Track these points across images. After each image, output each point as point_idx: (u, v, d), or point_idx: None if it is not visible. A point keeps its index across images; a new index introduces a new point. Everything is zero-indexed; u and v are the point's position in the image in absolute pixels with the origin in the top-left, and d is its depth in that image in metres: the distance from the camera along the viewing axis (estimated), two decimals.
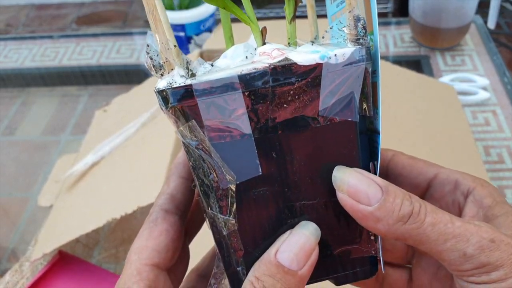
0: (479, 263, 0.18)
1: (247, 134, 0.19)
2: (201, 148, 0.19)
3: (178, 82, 0.18)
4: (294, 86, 0.18)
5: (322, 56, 0.18)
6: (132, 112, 0.64)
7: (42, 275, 0.53)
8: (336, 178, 0.19)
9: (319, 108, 0.19)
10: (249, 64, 0.18)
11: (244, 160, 0.19)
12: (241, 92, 0.18)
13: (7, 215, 0.68)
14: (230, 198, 0.19)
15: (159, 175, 0.49)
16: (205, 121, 0.18)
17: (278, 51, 0.19)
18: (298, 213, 0.20)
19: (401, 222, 0.18)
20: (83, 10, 1.24)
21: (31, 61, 0.95)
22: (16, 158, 0.77)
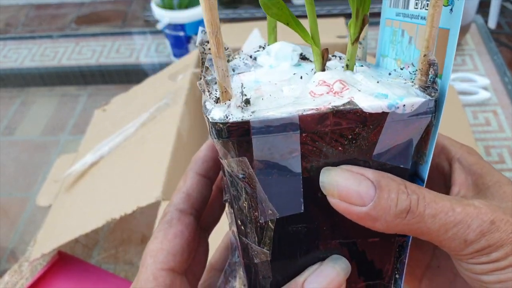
0: (480, 247, 0.17)
1: (296, 173, 0.18)
2: (247, 182, 0.18)
3: (235, 116, 0.17)
4: (354, 132, 0.17)
5: (390, 105, 0.17)
6: (132, 112, 0.64)
7: (41, 275, 0.53)
8: (324, 183, 0.18)
9: (373, 153, 0.18)
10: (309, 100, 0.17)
11: (288, 197, 0.19)
12: (299, 133, 0.17)
13: (6, 215, 0.67)
14: (267, 231, 0.19)
15: (158, 175, 0.49)
16: (256, 157, 0.17)
17: (340, 83, 0.18)
18: (332, 249, 0.20)
19: (400, 218, 0.17)
20: (83, 10, 1.23)
21: (31, 61, 0.95)
22: (16, 158, 0.76)
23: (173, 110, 0.58)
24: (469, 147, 0.21)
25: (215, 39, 0.16)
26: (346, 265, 0.20)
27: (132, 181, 0.52)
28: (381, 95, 0.17)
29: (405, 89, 0.18)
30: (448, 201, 0.18)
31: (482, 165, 0.20)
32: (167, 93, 0.62)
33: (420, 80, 0.18)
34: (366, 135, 0.17)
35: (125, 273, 0.57)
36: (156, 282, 0.19)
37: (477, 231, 0.17)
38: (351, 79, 0.18)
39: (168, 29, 0.85)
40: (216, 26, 0.16)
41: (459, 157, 0.21)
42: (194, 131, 0.62)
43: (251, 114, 0.17)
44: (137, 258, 0.58)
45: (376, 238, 0.20)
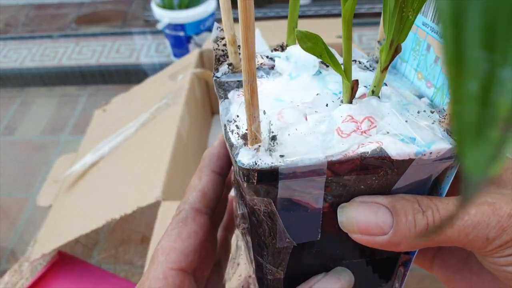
0: (502, 242, 0.18)
1: (317, 208, 0.18)
2: (268, 216, 0.18)
3: (264, 161, 0.16)
4: (378, 174, 0.17)
5: (417, 153, 0.17)
6: (132, 112, 0.64)
7: (41, 275, 0.53)
8: (343, 222, 0.18)
9: (392, 188, 0.18)
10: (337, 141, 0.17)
11: (307, 227, 0.19)
12: (325, 178, 0.17)
13: (6, 215, 0.67)
14: (283, 255, 0.20)
15: (158, 175, 0.49)
16: (280, 196, 0.18)
17: (368, 120, 0.18)
18: (341, 265, 0.21)
19: (421, 237, 0.17)
20: (83, 9, 1.23)
21: (31, 61, 0.95)
22: (16, 158, 0.77)
23: (173, 110, 0.58)
24: None
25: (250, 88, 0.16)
26: (350, 277, 0.20)
27: (132, 181, 0.52)
28: (410, 139, 0.17)
29: (432, 130, 0.18)
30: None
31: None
32: (167, 93, 0.62)
33: (447, 124, 0.18)
34: (390, 177, 0.18)
35: (125, 273, 0.57)
36: (165, 281, 0.19)
37: (497, 228, 0.17)
38: (378, 112, 0.18)
39: (168, 29, 0.85)
40: (253, 75, 0.16)
41: None
42: (194, 131, 0.62)
43: (279, 159, 0.17)
44: (137, 258, 0.58)
45: (383, 256, 0.21)
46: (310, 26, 0.77)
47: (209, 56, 0.68)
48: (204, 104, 0.71)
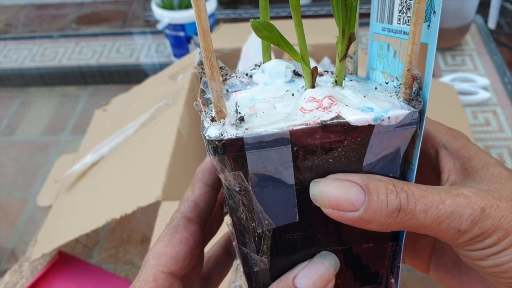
0: (473, 235, 0.18)
1: (290, 184, 0.19)
2: (243, 194, 0.19)
3: (229, 133, 0.18)
4: (343, 144, 0.18)
5: (375, 118, 0.18)
6: (132, 112, 0.64)
7: (41, 275, 0.53)
8: (314, 195, 0.19)
9: (363, 164, 0.19)
10: (299, 116, 0.18)
11: (283, 207, 0.19)
12: (290, 147, 0.18)
13: (6, 215, 0.67)
14: (265, 240, 0.20)
15: (158, 175, 0.49)
16: (251, 171, 0.18)
17: (329, 99, 0.19)
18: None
19: (392, 218, 0.18)
20: (83, 10, 1.23)
21: (31, 61, 0.95)
22: (16, 158, 0.77)
23: (173, 110, 0.58)
24: (455, 131, 0.22)
25: (209, 63, 0.18)
26: (335, 260, 0.21)
27: (132, 181, 0.52)
28: (368, 108, 0.18)
29: (391, 102, 0.19)
30: (437, 194, 0.18)
31: (468, 148, 0.21)
32: (167, 93, 0.62)
33: (404, 93, 0.19)
34: (355, 147, 0.18)
35: (125, 273, 0.57)
36: (155, 283, 0.20)
37: (469, 220, 0.18)
38: (339, 94, 0.19)
39: (168, 29, 0.85)
40: (210, 51, 0.17)
41: (445, 143, 0.21)
42: (194, 131, 0.62)
43: (244, 131, 0.18)
44: (137, 258, 0.58)
45: (370, 244, 0.21)
46: (310, 26, 0.77)
47: None
48: None
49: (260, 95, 0.20)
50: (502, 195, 0.18)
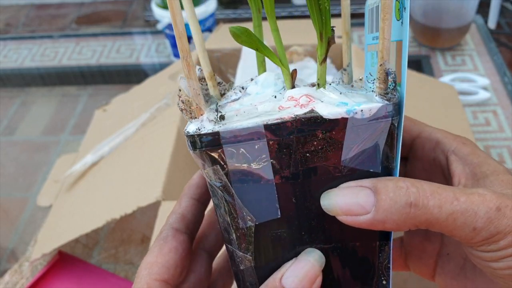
0: (489, 234, 0.18)
1: (269, 179, 0.19)
2: (224, 190, 0.19)
3: (206, 128, 0.18)
4: (318, 138, 0.18)
5: (348, 111, 0.18)
6: (132, 112, 0.64)
7: (41, 275, 0.53)
8: (326, 207, 0.19)
9: (341, 158, 0.19)
10: (276, 113, 0.19)
11: (264, 203, 0.20)
12: (266, 141, 0.18)
13: (6, 216, 0.67)
14: (248, 237, 0.20)
15: (158, 175, 0.49)
16: (229, 166, 0.19)
17: (306, 97, 0.19)
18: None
19: (405, 214, 0.18)
20: (83, 10, 1.23)
21: (31, 61, 0.95)
22: (16, 158, 0.77)
23: (173, 110, 0.58)
24: (463, 138, 0.22)
25: (186, 63, 0.19)
26: (320, 256, 0.21)
27: (132, 181, 0.52)
28: (342, 103, 0.19)
29: (367, 97, 0.19)
30: (451, 192, 0.18)
31: (477, 155, 0.21)
32: (167, 93, 0.62)
33: (379, 88, 0.19)
34: (330, 141, 0.18)
35: (125, 273, 0.57)
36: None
37: (484, 218, 0.17)
38: (318, 93, 0.20)
39: (169, 29, 0.85)
40: (186, 51, 0.19)
41: (454, 149, 0.21)
42: None
43: (221, 126, 0.18)
44: (137, 258, 0.58)
45: (357, 243, 0.21)
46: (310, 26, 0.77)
47: (209, 56, 0.68)
48: None
49: (249, 102, 0.21)
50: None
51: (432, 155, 0.22)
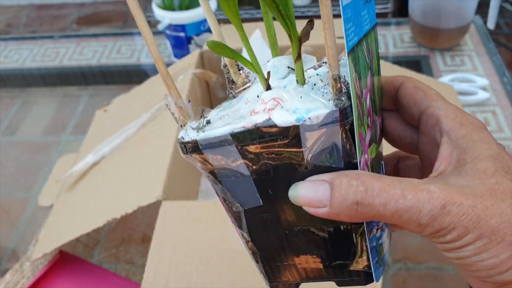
0: (433, 230, 0.19)
1: (247, 175, 0.22)
2: (215, 184, 0.23)
3: (189, 136, 0.22)
4: (278, 142, 0.20)
5: (297, 119, 0.20)
6: (133, 112, 0.64)
7: (42, 274, 0.54)
8: (292, 199, 0.21)
9: (305, 157, 0.21)
10: (246, 118, 0.21)
11: (247, 193, 0.23)
12: (235, 146, 0.21)
13: (7, 215, 0.68)
14: (241, 218, 0.24)
15: (159, 175, 0.49)
16: (214, 165, 0.22)
17: (274, 100, 0.21)
18: (297, 234, 0.24)
19: (354, 210, 0.19)
20: (84, 10, 1.24)
21: (32, 61, 0.96)
22: (17, 158, 0.77)
23: None
24: (465, 117, 0.22)
25: (166, 84, 0.22)
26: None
27: (133, 181, 0.52)
28: (297, 109, 0.20)
29: (321, 101, 0.20)
30: (400, 189, 0.19)
31: (469, 138, 0.21)
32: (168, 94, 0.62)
33: (332, 93, 0.20)
34: (289, 143, 0.20)
35: (126, 272, 0.57)
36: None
37: (428, 216, 0.19)
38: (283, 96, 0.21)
39: (169, 29, 0.85)
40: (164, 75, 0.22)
41: (449, 130, 0.22)
42: None
43: (199, 134, 0.21)
44: (138, 258, 0.59)
45: (330, 228, 0.23)
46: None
47: (209, 56, 0.69)
48: (205, 104, 0.71)
49: (250, 93, 0.23)
50: (474, 192, 0.19)
51: (433, 132, 0.23)
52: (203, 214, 0.45)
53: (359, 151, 0.20)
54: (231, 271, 0.41)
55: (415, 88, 0.24)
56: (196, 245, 0.43)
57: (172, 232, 0.44)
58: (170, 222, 0.45)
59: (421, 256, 0.55)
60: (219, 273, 0.41)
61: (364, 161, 0.21)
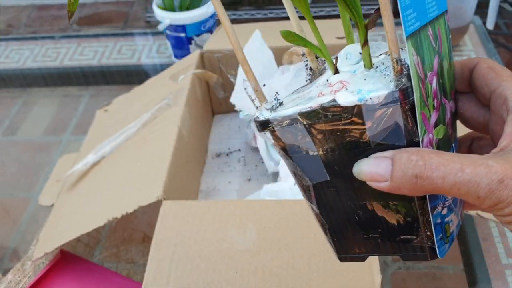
0: (492, 203, 0.20)
1: (314, 152, 0.24)
2: (286, 159, 0.25)
3: (263, 115, 0.24)
4: (341, 121, 0.22)
5: (359, 99, 0.21)
6: (133, 112, 0.65)
7: (43, 274, 0.54)
8: (356, 174, 0.23)
9: (367, 135, 0.22)
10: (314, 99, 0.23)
11: (315, 168, 0.25)
12: (303, 124, 0.23)
13: (8, 215, 0.68)
14: (310, 192, 0.26)
15: (159, 174, 0.49)
16: (284, 142, 0.24)
17: (340, 83, 0.23)
18: (362, 208, 0.25)
19: (414, 183, 0.21)
20: (84, 10, 1.24)
21: (33, 62, 0.96)
22: (18, 158, 0.77)
23: (174, 110, 0.59)
24: None
25: (244, 68, 0.25)
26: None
27: (133, 181, 0.52)
28: (359, 90, 0.22)
29: (383, 83, 0.22)
30: (459, 163, 0.20)
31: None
32: (168, 94, 0.62)
33: (393, 75, 0.22)
34: (353, 122, 0.22)
35: (127, 272, 0.57)
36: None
37: (486, 189, 0.20)
38: (349, 79, 0.23)
39: (169, 30, 0.86)
40: (242, 59, 0.25)
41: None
42: (194, 131, 0.62)
43: (271, 114, 0.24)
44: (138, 257, 0.59)
45: (394, 202, 0.24)
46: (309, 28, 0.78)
47: (209, 57, 0.69)
48: (205, 105, 0.71)
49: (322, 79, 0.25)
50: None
51: (500, 111, 0.24)
52: (203, 213, 0.46)
53: (421, 130, 0.21)
54: (232, 270, 0.41)
55: (488, 68, 0.25)
56: (196, 245, 0.43)
57: (173, 231, 0.45)
58: (171, 222, 0.45)
59: None
60: (219, 272, 0.41)
61: (428, 141, 0.22)
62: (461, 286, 0.52)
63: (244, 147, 0.68)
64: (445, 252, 0.26)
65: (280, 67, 0.63)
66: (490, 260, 0.54)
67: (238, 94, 0.60)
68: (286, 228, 0.43)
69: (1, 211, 0.69)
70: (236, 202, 0.47)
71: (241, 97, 0.60)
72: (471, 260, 0.54)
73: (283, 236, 0.43)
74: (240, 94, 0.60)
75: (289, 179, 0.56)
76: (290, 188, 0.55)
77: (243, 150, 0.68)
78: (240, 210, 0.45)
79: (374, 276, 0.39)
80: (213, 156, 0.68)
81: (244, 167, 0.65)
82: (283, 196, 0.55)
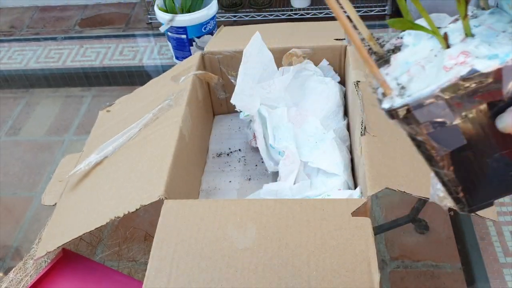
0: None
1: (452, 122, 0.26)
2: (420, 138, 0.27)
3: (397, 102, 0.26)
4: (481, 85, 0.24)
5: (501, 62, 0.23)
6: (135, 113, 0.65)
7: (45, 272, 0.54)
8: (500, 127, 0.25)
9: (503, 93, 0.24)
10: (444, 74, 0.25)
11: (451, 137, 0.26)
12: (444, 99, 0.25)
13: (11, 214, 0.69)
14: (446, 160, 0.27)
15: (161, 174, 0.50)
16: (421, 121, 0.26)
17: (463, 54, 0.25)
18: (498, 160, 0.28)
19: None
20: (87, 12, 1.25)
21: (35, 63, 0.97)
22: (20, 158, 0.78)
23: (175, 110, 0.59)
24: None
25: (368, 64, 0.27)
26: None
27: (135, 180, 0.53)
28: (493, 55, 0.24)
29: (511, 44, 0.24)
30: None
31: None
32: (169, 95, 0.63)
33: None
34: (492, 84, 0.24)
35: (129, 270, 0.58)
36: None
37: None
38: (470, 48, 0.25)
39: (171, 32, 0.86)
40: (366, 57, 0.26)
41: None
42: (196, 131, 0.63)
43: (406, 98, 0.25)
44: (140, 255, 0.59)
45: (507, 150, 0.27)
46: (309, 28, 0.78)
47: (210, 58, 0.69)
48: (206, 105, 0.72)
49: (411, 57, 0.27)
50: None
51: None
52: (204, 212, 0.46)
53: None
54: (232, 268, 0.41)
55: None
56: (197, 243, 0.44)
57: (174, 230, 0.45)
58: (172, 221, 0.46)
59: (419, 254, 0.55)
60: (220, 271, 0.42)
61: None
62: (459, 284, 0.53)
63: (244, 147, 0.69)
64: None
65: (280, 68, 0.64)
66: (488, 259, 0.54)
67: (238, 95, 0.60)
68: (286, 227, 0.44)
69: (4, 210, 0.69)
70: (237, 201, 0.48)
71: (241, 98, 0.60)
72: (469, 259, 0.54)
73: (283, 235, 0.43)
74: (241, 95, 0.60)
75: (289, 179, 0.57)
76: (290, 187, 0.55)
77: (243, 150, 0.69)
78: (240, 209, 0.46)
79: (373, 274, 0.40)
80: (214, 156, 0.68)
81: (245, 166, 0.66)
82: (283, 195, 0.55)
